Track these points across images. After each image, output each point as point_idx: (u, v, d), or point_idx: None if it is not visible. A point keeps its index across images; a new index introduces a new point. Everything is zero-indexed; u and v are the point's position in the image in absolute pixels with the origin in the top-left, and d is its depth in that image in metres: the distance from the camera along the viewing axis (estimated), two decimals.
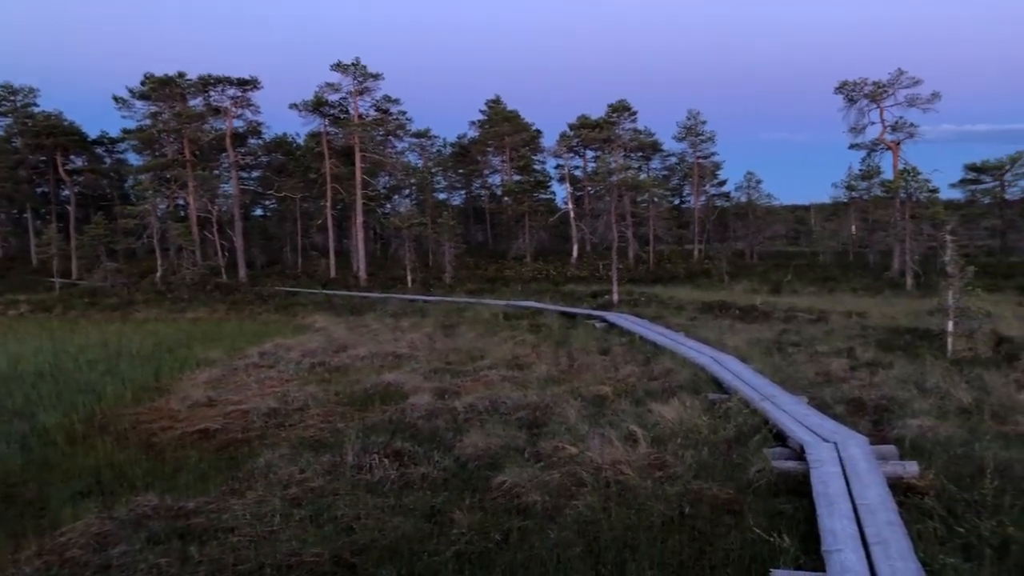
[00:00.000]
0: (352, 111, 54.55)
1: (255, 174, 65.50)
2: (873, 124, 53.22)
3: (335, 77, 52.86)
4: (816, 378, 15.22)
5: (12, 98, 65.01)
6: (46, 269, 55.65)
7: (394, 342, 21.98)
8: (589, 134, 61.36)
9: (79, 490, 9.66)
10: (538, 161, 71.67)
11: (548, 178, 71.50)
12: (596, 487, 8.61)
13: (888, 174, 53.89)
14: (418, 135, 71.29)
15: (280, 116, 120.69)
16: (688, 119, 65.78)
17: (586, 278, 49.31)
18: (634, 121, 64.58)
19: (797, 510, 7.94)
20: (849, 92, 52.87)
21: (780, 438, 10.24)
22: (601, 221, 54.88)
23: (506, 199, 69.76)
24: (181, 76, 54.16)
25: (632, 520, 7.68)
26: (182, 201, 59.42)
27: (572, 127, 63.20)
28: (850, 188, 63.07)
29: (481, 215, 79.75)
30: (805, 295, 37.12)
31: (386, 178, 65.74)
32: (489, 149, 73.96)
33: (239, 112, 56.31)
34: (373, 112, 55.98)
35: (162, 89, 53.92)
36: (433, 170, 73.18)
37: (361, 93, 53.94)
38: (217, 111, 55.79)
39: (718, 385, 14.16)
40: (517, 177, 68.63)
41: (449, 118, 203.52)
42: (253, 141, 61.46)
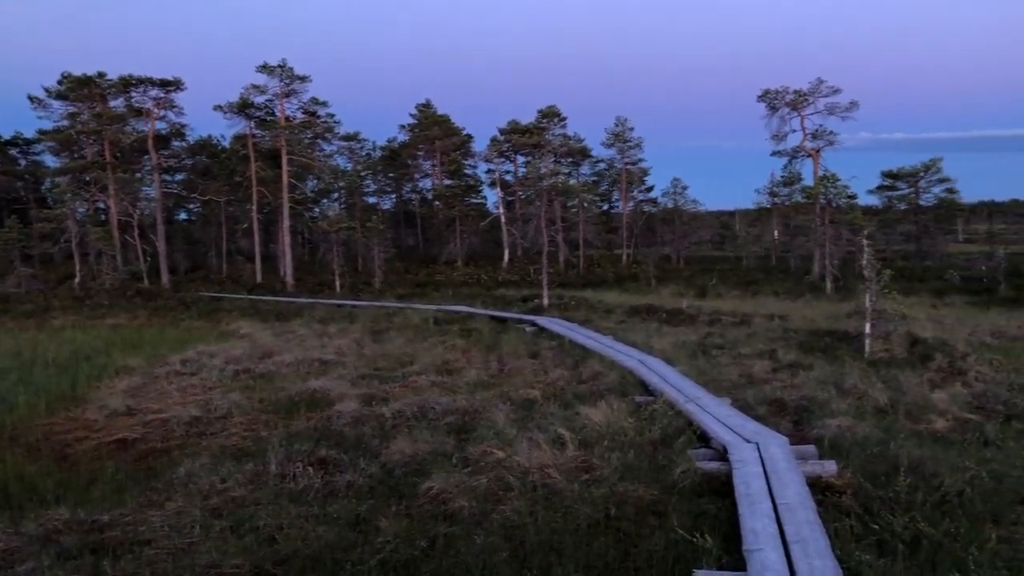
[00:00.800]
0: (279, 113, 53.67)
1: (179, 177, 63.69)
2: (794, 132, 54.81)
3: (261, 79, 51.98)
4: (739, 380, 15.53)
5: None
6: None
7: (321, 348, 21.65)
8: (520, 139, 61.65)
9: None
10: (469, 165, 71.80)
11: (479, 183, 71.65)
12: (523, 491, 8.60)
13: (809, 180, 55.34)
14: (347, 138, 70.53)
15: (205, 118, 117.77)
16: (616, 125, 66.66)
17: (517, 282, 49.42)
18: (564, 127, 65.23)
19: (720, 510, 8.06)
20: (771, 100, 54.25)
21: (704, 439, 10.41)
22: (532, 226, 55.05)
23: (437, 203, 69.49)
24: (101, 76, 52.46)
25: (558, 523, 7.70)
26: (102, 204, 57.60)
27: (503, 132, 63.41)
28: (772, 194, 64.57)
29: (412, 219, 79.25)
30: (729, 298, 37.88)
31: (314, 181, 64.88)
32: (420, 153, 73.65)
33: (162, 113, 54.73)
34: (300, 114, 55.09)
35: (81, 89, 52.12)
36: (363, 173, 72.41)
37: (288, 95, 53.09)
38: (139, 112, 54.13)
39: (645, 388, 14.32)
40: (448, 181, 68.48)
41: (379, 122, 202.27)
42: (177, 143, 59.89)
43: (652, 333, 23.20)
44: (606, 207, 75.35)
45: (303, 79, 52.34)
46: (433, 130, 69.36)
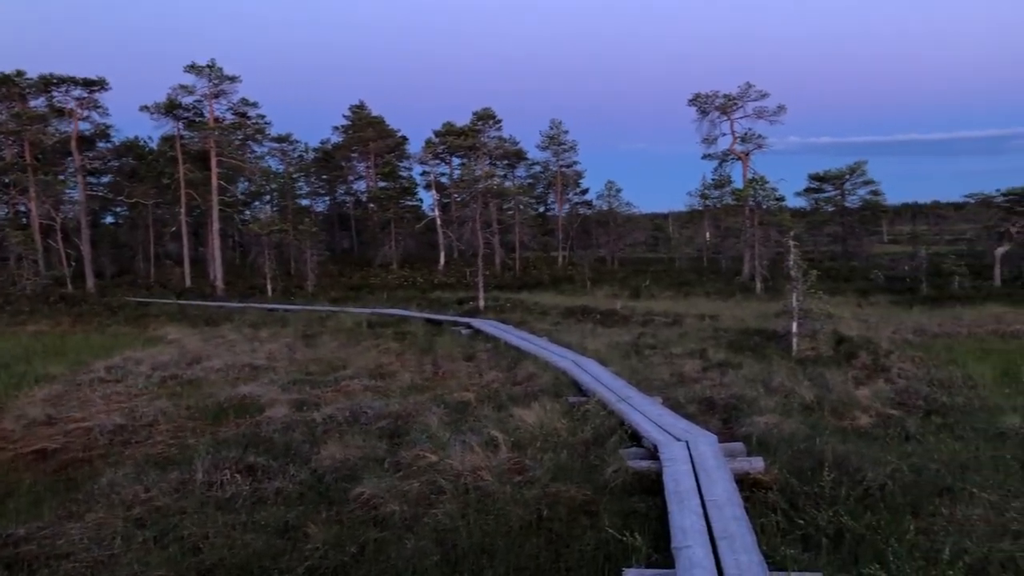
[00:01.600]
0: (208, 114, 52.53)
1: (104, 179, 62.01)
2: (724, 135, 56.08)
3: (189, 79, 50.90)
4: (671, 379, 15.75)
5: None
6: None
7: (251, 353, 21.26)
8: (455, 141, 61.48)
9: None
10: (404, 168, 71.25)
11: (414, 185, 71.09)
12: (455, 494, 8.55)
13: (738, 183, 56.56)
14: (279, 140, 69.54)
15: (131, 119, 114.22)
16: (551, 128, 67.06)
17: (453, 285, 49.28)
18: (499, 129, 65.24)
19: (651, 508, 8.14)
20: (702, 104, 55.28)
21: (636, 438, 10.50)
22: (467, 228, 55.07)
23: (372, 206, 68.91)
24: (20, 75, 50.84)
25: (490, 526, 7.67)
26: (23, 207, 55.58)
27: (438, 134, 63.16)
28: (704, 197, 65.68)
29: (346, 222, 78.36)
30: (662, 299, 38.42)
31: (245, 184, 63.73)
32: (354, 155, 72.96)
33: (85, 114, 53.13)
34: (230, 115, 54.01)
35: None
36: (295, 175, 71.44)
37: (217, 96, 52.00)
38: (61, 112, 52.45)
39: (578, 388, 14.40)
40: (383, 183, 67.90)
41: (312, 123, 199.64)
42: (102, 144, 58.24)
43: (586, 334, 23.37)
44: (542, 209, 75.67)
45: (233, 79, 51.42)
46: (367, 131, 68.79)
